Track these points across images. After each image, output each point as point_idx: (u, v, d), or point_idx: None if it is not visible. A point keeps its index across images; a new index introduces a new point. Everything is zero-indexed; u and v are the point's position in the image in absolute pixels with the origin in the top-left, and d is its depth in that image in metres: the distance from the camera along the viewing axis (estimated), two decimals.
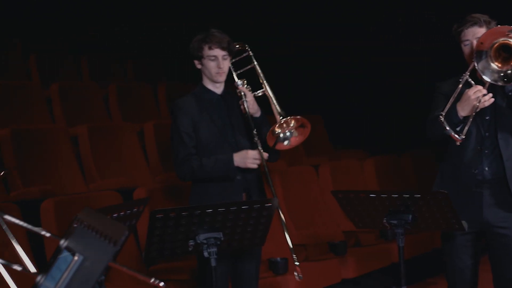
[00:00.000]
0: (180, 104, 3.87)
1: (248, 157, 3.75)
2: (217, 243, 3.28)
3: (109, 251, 1.64)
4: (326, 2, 8.44)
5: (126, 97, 7.14)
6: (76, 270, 1.70)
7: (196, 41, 3.85)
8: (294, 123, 3.89)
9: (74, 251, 1.75)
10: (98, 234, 1.72)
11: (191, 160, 3.76)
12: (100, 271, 1.64)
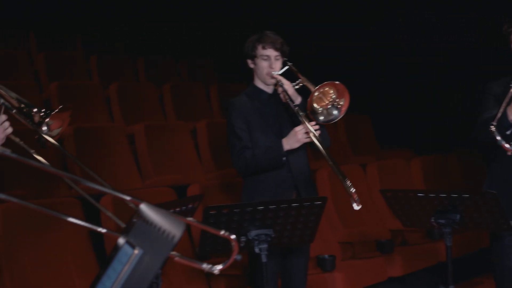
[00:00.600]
0: (234, 102, 3.91)
1: (296, 133, 3.71)
2: (268, 240, 3.29)
3: (168, 245, 1.65)
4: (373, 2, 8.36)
5: (180, 97, 7.20)
6: (136, 263, 1.71)
7: (250, 41, 3.89)
8: (333, 91, 3.77)
9: (134, 245, 1.77)
10: (157, 228, 1.73)
11: (245, 152, 3.79)
12: (159, 265, 1.65)
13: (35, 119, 2.89)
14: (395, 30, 8.23)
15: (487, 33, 6.95)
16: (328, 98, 3.75)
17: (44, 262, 3.88)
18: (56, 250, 3.96)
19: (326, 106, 3.75)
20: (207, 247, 3.31)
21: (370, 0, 8.32)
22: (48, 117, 2.88)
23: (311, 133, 3.67)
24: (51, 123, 2.92)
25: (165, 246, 1.66)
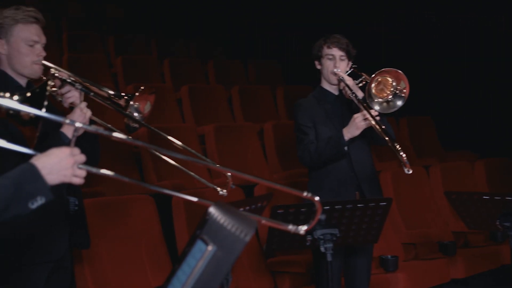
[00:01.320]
0: (302, 103, 3.94)
1: (355, 119, 3.66)
2: (333, 239, 3.27)
3: (241, 242, 1.65)
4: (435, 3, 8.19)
5: (248, 99, 7.25)
6: (210, 259, 1.73)
7: (318, 43, 3.92)
8: (392, 79, 3.70)
9: (207, 242, 1.78)
10: (230, 226, 1.74)
11: (310, 146, 3.78)
12: (232, 262, 1.66)
13: (122, 104, 2.96)
14: (458, 29, 8.05)
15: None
16: (388, 87, 3.71)
17: (120, 256, 3.96)
18: (131, 245, 4.03)
19: (388, 96, 3.71)
20: (273, 244, 3.32)
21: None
22: (132, 99, 2.94)
23: (371, 119, 3.60)
24: (137, 106, 2.98)
25: (237, 244, 1.67)
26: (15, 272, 2.80)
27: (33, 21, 2.86)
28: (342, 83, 3.79)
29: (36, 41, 2.85)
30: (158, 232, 4.17)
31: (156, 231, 4.15)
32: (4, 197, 1.71)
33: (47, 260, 2.85)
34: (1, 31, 2.83)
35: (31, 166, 1.77)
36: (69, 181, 1.83)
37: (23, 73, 2.87)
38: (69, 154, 1.83)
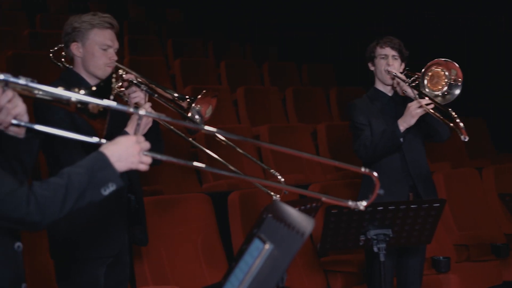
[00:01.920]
0: (356, 102, 3.92)
1: (409, 108, 3.60)
2: (386, 239, 3.24)
3: (298, 241, 1.65)
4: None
5: (301, 100, 7.23)
6: (267, 258, 1.73)
7: (370, 45, 3.90)
8: (443, 71, 3.65)
9: (264, 240, 1.79)
10: (287, 225, 1.74)
11: (366, 141, 3.75)
12: (289, 260, 1.66)
13: (184, 106, 3.00)
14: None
15: None
16: (442, 78, 3.65)
17: (178, 253, 4.00)
18: (188, 242, 4.07)
19: (443, 88, 3.66)
20: (327, 244, 3.31)
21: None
22: (194, 102, 2.97)
23: (425, 106, 3.55)
24: (199, 108, 3.01)
25: (294, 242, 1.67)
26: (75, 266, 2.86)
27: (108, 26, 2.93)
28: (395, 80, 3.75)
29: (109, 46, 2.93)
30: (214, 230, 4.19)
31: (212, 229, 4.18)
32: (80, 185, 1.75)
33: (105, 255, 2.89)
34: (78, 35, 2.90)
35: (101, 155, 1.81)
36: (136, 167, 1.86)
37: (96, 75, 2.93)
38: (135, 142, 1.86)
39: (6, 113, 1.84)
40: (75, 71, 2.96)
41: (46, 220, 1.72)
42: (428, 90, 3.64)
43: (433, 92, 3.63)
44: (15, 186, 1.70)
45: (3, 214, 1.68)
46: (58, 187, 1.73)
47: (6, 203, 1.67)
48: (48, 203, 1.71)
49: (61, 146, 2.76)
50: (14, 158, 1.95)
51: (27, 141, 1.95)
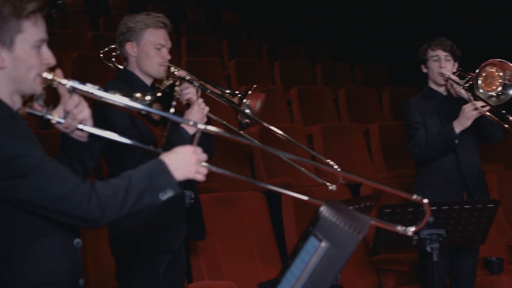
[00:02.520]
0: (411, 101, 3.89)
1: (464, 110, 3.55)
2: (440, 239, 3.19)
3: (354, 240, 1.63)
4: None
5: (354, 100, 7.18)
6: (323, 256, 1.72)
7: (422, 47, 3.84)
8: (498, 71, 3.58)
9: (320, 238, 1.78)
10: (343, 223, 1.73)
11: (420, 140, 3.71)
12: (345, 259, 1.65)
13: (235, 102, 3.01)
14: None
15: None
16: (496, 79, 3.58)
17: (233, 249, 4.02)
18: (242, 239, 4.09)
19: (497, 88, 3.60)
20: (380, 242, 3.28)
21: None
22: (245, 97, 2.99)
23: (480, 108, 3.50)
24: (249, 103, 3.03)
25: (350, 241, 1.65)
26: (135, 263, 2.88)
27: (162, 26, 2.94)
28: (449, 82, 3.69)
29: (163, 45, 2.94)
30: (268, 227, 4.20)
31: (266, 226, 4.19)
32: (139, 187, 1.78)
33: (166, 251, 2.91)
34: (133, 35, 2.92)
35: (160, 162, 1.84)
36: (193, 177, 1.89)
37: (150, 74, 2.96)
38: (192, 152, 1.89)
39: (73, 117, 1.88)
40: (130, 70, 2.98)
41: (106, 219, 1.75)
42: (482, 90, 3.58)
43: (487, 93, 3.57)
44: (78, 183, 1.74)
45: (65, 210, 1.72)
46: (119, 188, 1.76)
47: (69, 199, 1.71)
48: (108, 202, 1.74)
49: (124, 150, 2.78)
50: (76, 160, 1.99)
51: (89, 144, 1.98)
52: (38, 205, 1.71)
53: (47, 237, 1.81)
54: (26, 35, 1.78)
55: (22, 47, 1.78)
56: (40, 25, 1.81)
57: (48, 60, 1.85)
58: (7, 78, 1.79)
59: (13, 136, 1.70)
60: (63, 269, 1.86)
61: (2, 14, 1.74)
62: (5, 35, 1.75)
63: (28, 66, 1.79)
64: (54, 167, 1.73)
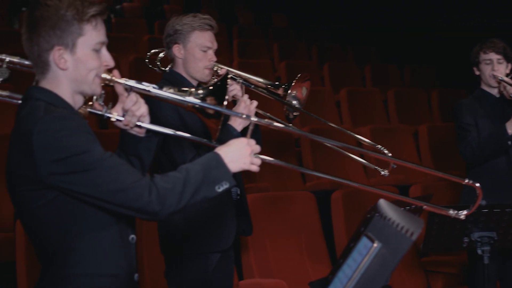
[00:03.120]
0: (463, 102, 3.83)
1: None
2: (491, 242, 3.11)
3: (406, 242, 1.60)
4: None
5: (403, 102, 7.09)
6: (375, 256, 1.70)
7: (474, 50, 3.78)
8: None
9: (373, 239, 1.75)
10: (395, 224, 1.70)
11: (472, 142, 3.64)
12: (398, 260, 1.62)
13: (280, 94, 2.99)
14: None
15: None
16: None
17: (282, 248, 4.01)
18: (292, 238, 4.07)
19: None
20: (430, 244, 3.22)
21: None
22: (289, 88, 2.95)
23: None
24: (294, 94, 2.99)
25: (403, 242, 1.62)
26: (186, 260, 2.86)
27: (208, 28, 2.91)
28: (502, 84, 3.61)
29: (209, 47, 2.91)
30: (318, 227, 4.18)
31: (316, 226, 4.17)
32: (196, 180, 1.80)
33: (216, 250, 2.88)
34: (179, 37, 2.90)
35: (215, 155, 1.87)
36: (247, 168, 1.91)
37: (195, 77, 2.93)
38: (246, 144, 1.91)
39: (131, 115, 1.93)
40: (177, 72, 2.96)
41: (165, 211, 1.77)
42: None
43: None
44: (139, 177, 1.77)
45: (126, 203, 1.75)
46: (177, 181, 1.79)
47: (130, 192, 1.74)
48: (167, 195, 1.76)
49: (176, 146, 2.78)
50: (134, 155, 2.02)
51: (147, 139, 2.01)
52: (100, 198, 1.75)
53: (106, 230, 1.85)
54: (87, 38, 1.82)
55: (83, 49, 1.82)
56: (100, 28, 1.86)
57: (107, 62, 1.89)
58: (69, 79, 1.84)
59: (75, 134, 1.74)
60: (120, 263, 1.89)
61: (65, 18, 1.79)
62: (68, 38, 1.80)
63: (88, 68, 1.84)
64: (115, 162, 1.77)
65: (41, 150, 1.71)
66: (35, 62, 1.84)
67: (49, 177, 1.72)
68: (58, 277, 1.81)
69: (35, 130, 1.72)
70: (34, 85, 1.87)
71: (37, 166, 1.71)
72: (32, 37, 1.81)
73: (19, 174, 1.76)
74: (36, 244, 1.87)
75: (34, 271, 3.15)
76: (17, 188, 1.78)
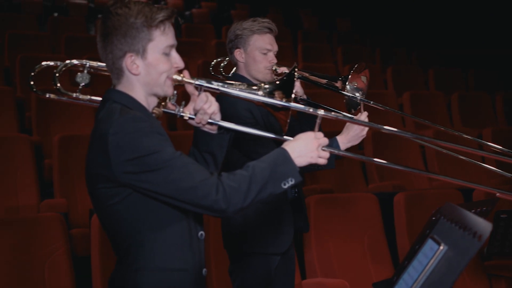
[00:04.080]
0: None
1: None
2: None
3: (474, 245, 1.54)
4: None
5: (467, 105, 6.92)
6: (441, 259, 1.65)
7: None
8: None
9: (439, 241, 1.71)
10: (462, 227, 1.65)
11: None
12: (465, 263, 1.56)
13: (339, 86, 2.94)
14: None
15: None
16: None
17: (345, 249, 3.97)
18: (355, 239, 4.02)
19: None
20: (494, 248, 3.12)
21: None
22: (347, 80, 2.92)
23: None
24: (355, 85, 2.94)
25: (471, 245, 1.57)
26: (248, 258, 2.85)
27: (267, 31, 2.91)
28: None
29: (269, 50, 2.90)
30: (380, 229, 4.11)
31: (378, 228, 4.10)
32: (263, 177, 1.80)
33: (275, 253, 2.86)
34: (240, 42, 2.91)
35: (283, 151, 1.86)
36: (315, 161, 1.89)
37: (257, 78, 2.93)
38: (314, 138, 1.90)
39: (203, 113, 1.96)
40: (241, 74, 2.97)
41: (231, 209, 1.78)
42: None
43: None
44: (207, 176, 1.79)
45: (194, 201, 1.77)
46: (243, 179, 1.79)
47: (198, 190, 1.76)
48: (233, 193, 1.77)
49: (248, 140, 2.78)
50: (207, 152, 2.05)
51: (219, 136, 2.04)
52: (170, 196, 1.78)
53: (176, 227, 1.88)
54: (156, 43, 1.85)
55: (153, 54, 1.85)
56: (168, 32, 1.88)
57: (177, 64, 1.92)
58: (142, 83, 1.88)
59: (147, 135, 1.77)
60: (190, 258, 1.91)
61: (135, 25, 1.82)
62: (138, 44, 1.84)
63: (159, 71, 1.87)
64: (185, 161, 1.79)
65: (115, 150, 1.75)
66: (110, 69, 1.90)
67: (123, 176, 1.76)
68: (131, 270, 1.85)
69: (111, 132, 1.76)
70: (112, 88, 1.92)
71: (112, 165, 1.76)
72: (106, 46, 1.85)
73: (97, 172, 1.81)
74: (112, 239, 1.92)
75: (108, 265, 3.23)
76: (95, 186, 1.83)
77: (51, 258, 3.33)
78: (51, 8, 9.62)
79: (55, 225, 3.37)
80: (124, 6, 1.84)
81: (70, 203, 4.14)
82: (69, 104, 5.09)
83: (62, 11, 9.57)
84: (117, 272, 1.90)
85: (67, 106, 5.05)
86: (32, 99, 5.06)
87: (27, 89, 5.51)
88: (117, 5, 1.84)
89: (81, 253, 3.80)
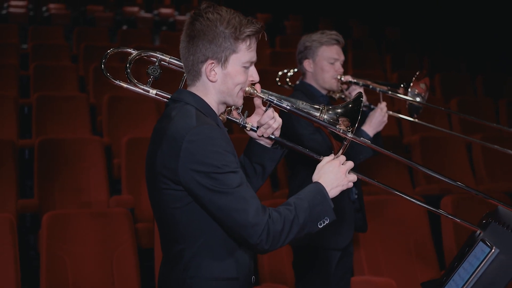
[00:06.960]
0: None
1: None
2: None
3: None
4: None
5: None
6: (492, 261, 1.62)
7: None
8: None
9: (490, 244, 1.66)
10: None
11: None
12: None
13: (401, 92, 2.97)
14: None
15: None
16: None
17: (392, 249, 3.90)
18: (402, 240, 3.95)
19: None
20: None
21: None
22: (409, 87, 2.94)
23: None
24: (416, 91, 2.98)
25: None
26: (311, 253, 2.88)
27: (335, 42, 2.97)
28: None
29: (336, 59, 2.96)
30: (427, 231, 4.03)
31: (425, 230, 4.02)
32: (304, 219, 1.77)
33: (336, 247, 2.89)
34: (309, 53, 2.97)
35: (320, 188, 1.82)
36: (346, 188, 1.87)
37: (324, 87, 3.00)
38: (339, 165, 1.86)
39: (267, 127, 1.92)
40: (308, 83, 3.02)
41: (271, 249, 1.74)
42: None
43: None
44: (260, 217, 1.71)
45: (241, 235, 1.72)
46: (287, 222, 1.74)
47: (249, 229, 1.70)
48: (277, 237, 1.73)
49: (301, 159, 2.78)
50: (258, 163, 2.01)
51: (272, 151, 2.00)
52: (220, 219, 1.74)
53: (230, 237, 1.81)
54: (239, 56, 1.81)
55: (234, 65, 1.81)
56: (253, 48, 1.84)
57: (253, 78, 1.88)
58: (216, 90, 1.83)
59: (221, 152, 1.72)
60: (241, 267, 1.85)
61: (224, 34, 1.78)
62: (222, 53, 1.79)
63: (236, 83, 1.83)
64: (248, 194, 1.73)
65: (186, 157, 1.70)
66: (188, 70, 1.84)
67: (186, 178, 1.71)
68: (187, 277, 1.79)
69: (187, 138, 1.70)
70: (184, 89, 1.87)
71: (178, 169, 1.71)
72: (189, 47, 1.80)
73: (164, 174, 1.75)
74: (164, 237, 1.86)
75: None
76: (161, 186, 1.77)
77: (119, 250, 3.41)
78: (121, 21, 9.94)
79: (123, 219, 3.45)
80: (216, 12, 1.78)
81: (136, 199, 4.23)
82: (135, 109, 5.27)
83: (130, 23, 9.85)
84: (170, 274, 1.83)
85: (134, 111, 5.18)
86: (103, 104, 5.21)
87: (99, 95, 5.67)
88: (209, 9, 1.79)
89: (146, 246, 3.87)
